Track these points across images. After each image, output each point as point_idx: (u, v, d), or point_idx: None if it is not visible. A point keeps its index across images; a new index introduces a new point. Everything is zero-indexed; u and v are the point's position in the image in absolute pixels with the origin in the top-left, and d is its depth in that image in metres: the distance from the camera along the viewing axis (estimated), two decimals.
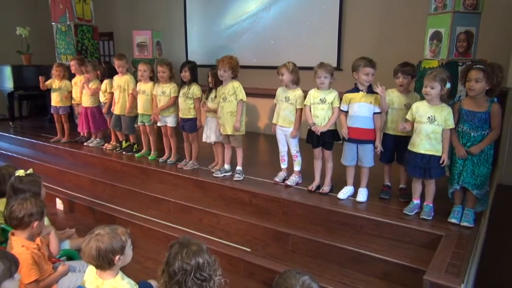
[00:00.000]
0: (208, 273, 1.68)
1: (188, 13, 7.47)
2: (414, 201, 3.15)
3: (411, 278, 2.56)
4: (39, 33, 7.84)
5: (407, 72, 3.25)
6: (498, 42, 4.63)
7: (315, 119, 3.43)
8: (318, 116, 3.42)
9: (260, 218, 3.37)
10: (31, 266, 2.19)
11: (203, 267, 1.67)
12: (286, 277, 1.54)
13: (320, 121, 3.41)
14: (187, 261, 1.65)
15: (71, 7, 6.35)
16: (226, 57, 3.73)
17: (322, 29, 6.03)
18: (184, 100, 4.13)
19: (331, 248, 2.92)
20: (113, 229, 1.86)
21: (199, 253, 1.69)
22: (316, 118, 3.43)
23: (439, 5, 3.95)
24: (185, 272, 1.65)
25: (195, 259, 1.66)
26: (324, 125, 3.40)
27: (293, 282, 1.51)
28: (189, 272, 1.64)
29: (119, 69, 4.73)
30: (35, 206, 2.28)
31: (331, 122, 3.40)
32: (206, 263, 1.68)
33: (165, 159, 4.54)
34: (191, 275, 1.64)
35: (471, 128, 2.87)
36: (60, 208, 4.32)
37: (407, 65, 3.28)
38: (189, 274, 1.64)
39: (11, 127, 6.72)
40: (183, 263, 1.65)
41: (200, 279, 1.66)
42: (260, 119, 6.32)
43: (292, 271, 1.58)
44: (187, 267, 1.64)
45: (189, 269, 1.64)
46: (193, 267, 1.65)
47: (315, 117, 3.43)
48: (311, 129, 3.46)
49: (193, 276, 1.65)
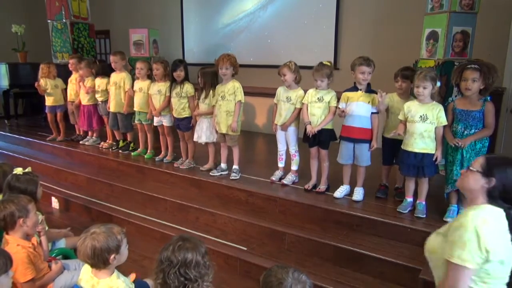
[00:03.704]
0: (194, 274, 1.65)
1: (185, 12, 7.45)
2: (407, 199, 3.17)
3: (406, 277, 2.58)
4: (34, 31, 7.80)
5: (406, 76, 3.27)
6: (494, 42, 4.65)
7: (312, 117, 3.43)
8: (314, 114, 3.42)
9: (257, 217, 3.37)
10: (27, 265, 2.19)
11: (190, 265, 1.64)
12: (275, 273, 1.53)
13: (316, 120, 3.41)
14: (176, 253, 1.64)
15: (67, 5, 6.32)
16: (224, 55, 3.74)
17: (319, 28, 6.03)
18: (178, 100, 4.12)
19: (327, 247, 2.93)
20: (108, 228, 1.85)
21: (191, 250, 1.66)
22: (313, 117, 3.43)
23: (436, 5, 3.96)
24: (170, 263, 1.64)
25: (184, 254, 1.64)
26: (318, 125, 3.40)
27: (283, 276, 1.50)
28: (174, 264, 1.63)
29: (113, 64, 4.72)
30: (17, 204, 2.26)
31: (325, 121, 3.40)
32: (195, 263, 1.65)
33: (161, 158, 4.53)
34: (175, 269, 1.63)
35: (465, 127, 2.89)
36: (56, 207, 4.31)
37: (407, 70, 3.31)
38: (173, 267, 1.63)
39: (7, 125, 6.68)
40: (172, 254, 1.65)
41: (184, 276, 1.64)
42: (257, 118, 6.32)
43: (275, 266, 1.58)
44: (173, 259, 1.64)
45: (175, 262, 1.63)
46: (179, 261, 1.63)
47: (312, 115, 3.43)
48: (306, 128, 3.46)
49: (177, 270, 1.63)
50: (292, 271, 1.52)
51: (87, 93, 5.08)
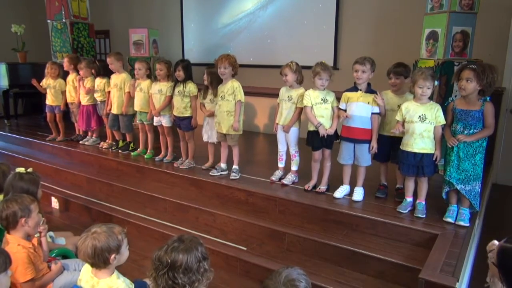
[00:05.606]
0: (183, 280, 1.57)
1: (184, 11, 7.45)
2: (407, 199, 3.17)
3: (406, 276, 2.58)
4: (34, 31, 7.80)
5: (399, 73, 3.27)
6: (494, 42, 4.66)
7: (320, 119, 3.39)
8: (323, 116, 3.40)
9: (256, 217, 3.37)
10: (27, 265, 2.18)
11: (179, 269, 1.57)
12: (272, 276, 1.49)
13: (325, 121, 3.40)
14: (167, 255, 1.59)
15: (67, 5, 6.31)
16: (223, 55, 3.74)
17: (319, 28, 6.03)
18: (181, 99, 4.12)
19: (327, 247, 2.92)
20: (110, 228, 1.85)
21: (183, 253, 1.59)
22: (321, 118, 3.40)
23: (436, 5, 3.96)
24: (160, 263, 1.59)
25: (174, 256, 1.58)
26: (331, 127, 3.39)
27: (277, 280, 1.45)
28: (164, 266, 1.58)
29: (110, 66, 4.73)
30: (20, 204, 2.26)
31: (336, 122, 3.40)
32: (184, 268, 1.57)
33: (161, 157, 4.53)
34: (163, 271, 1.58)
35: (465, 127, 2.89)
36: (56, 206, 4.31)
37: (399, 66, 3.30)
38: (162, 268, 1.58)
39: (7, 125, 6.68)
40: (164, 254, 1.59)
41: (172, 279, 1.57)
42: (257, 118, 6.32)
43: (280, 268, 1.52)
44: (164, 260, 1.58)
45: (164, 263, 1.58)
46: (168, 263, 1.57)
47: (320, 117, 3.40)
48: (315, 131, 3.41)
49: (166, 272, 1.57)
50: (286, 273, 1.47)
51: (87, 94, 5.08)
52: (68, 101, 5.40)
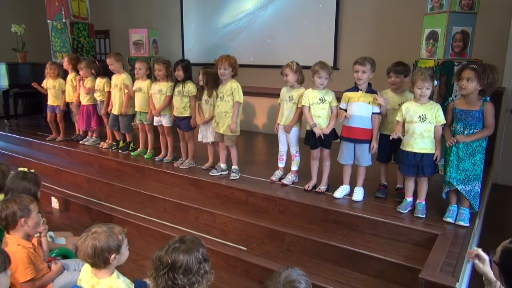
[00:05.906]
0: (182, 280, 1.57)
1: (184, 11, 7.45)
2: (407, 199, 3.17)
3: (406, 276, 2.58)
4: (34, 31, 7.80)
5: (399, 72, 3.27)
6: (494, 42, 4.66)
7: (317, 119, 3.40)
8: (320, 116, 3.40)
9: (256, 217, 3.37)
10: (27, 265, 2.18)
11: (179, 269, 1.57)
12: (272, 277, 1.49)
13: (322, 121, 3.40)
14: (168, 255, 1.59)
15: (67, 5, 6.32)
16: (223, 56, 3.74)
17: (319, 28, 6.03)
18: (181, 99, 4.12)
19: (327, 247, 2.92)
20: (110, 228, 1.85)
21: (183, 254, 1.59)
22: (318, 118, 3.40)
23: (436, 5, 3.96)
24: (160, 263, 1.59)
25: (175, 257, 1.58)
26: (327, 126, 3.39)
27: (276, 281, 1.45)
28: (164, 266, 1.58)
29: (110, 67, 4.73)
30: (19, 204, 2.25)
31: (333, 122, 3.40)
32: (184, 268, 1.57)
33: (161, 157, 4.53)
34: (164, 271, 1.58)
35: (465, 127, 2.89)
36: (56, 206, 4.31)
37: (399, 65, 3.30)
38: (163, 269, 1.58)
39: (7, 125, 6.68)
40: (165, 255, 1.59)
41: (172, 280, 1.57)
42: (257, 117, 6.32)
43: (280, 269, 1.52)
44: (164, 260, 1.58)
45: (165, 263, 1.58)
46: (168, 264, 1.57)
47: (317, 117, 3.40)
48: (312, 130, 3.40)
49: (166, 272, 1.57)
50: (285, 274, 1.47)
51: (87, 94, 5.08)
52: (66, 101, 5.41)
